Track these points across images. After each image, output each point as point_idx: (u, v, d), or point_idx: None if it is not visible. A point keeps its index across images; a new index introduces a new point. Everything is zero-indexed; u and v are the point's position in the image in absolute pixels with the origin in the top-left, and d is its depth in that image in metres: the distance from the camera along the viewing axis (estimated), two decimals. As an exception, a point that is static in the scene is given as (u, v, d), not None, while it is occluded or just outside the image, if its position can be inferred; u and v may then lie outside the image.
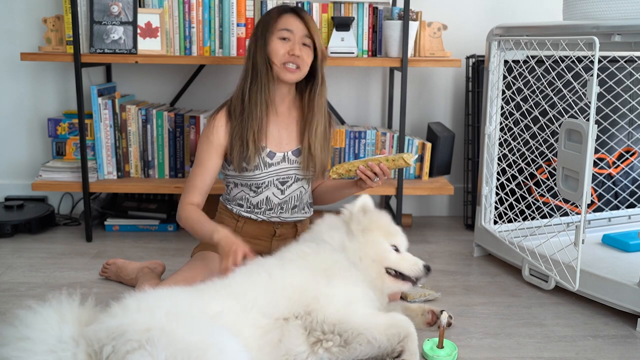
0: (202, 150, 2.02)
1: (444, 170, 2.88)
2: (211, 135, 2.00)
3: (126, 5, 2.60)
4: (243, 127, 1.97)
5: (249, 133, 1.96)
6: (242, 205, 2.08)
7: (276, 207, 2.07)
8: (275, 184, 2.04)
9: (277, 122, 2.06)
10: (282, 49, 1.94)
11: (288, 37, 1.95)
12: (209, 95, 3.02)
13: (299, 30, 1.95)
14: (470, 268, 2.47)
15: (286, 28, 1.95)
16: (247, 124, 1.96)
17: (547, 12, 2.97)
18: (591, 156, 1.93)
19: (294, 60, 1.94)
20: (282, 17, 1.97)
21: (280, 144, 2.05)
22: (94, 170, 2.71)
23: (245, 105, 1.98)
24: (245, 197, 2.07)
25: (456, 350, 1.75)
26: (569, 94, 2.14)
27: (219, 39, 2.67)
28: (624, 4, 2.09)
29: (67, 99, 3.01)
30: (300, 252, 1.72)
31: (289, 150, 2.05)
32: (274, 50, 1.94)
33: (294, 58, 1.94)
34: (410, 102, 3.04)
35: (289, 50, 1.94)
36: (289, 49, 1.94)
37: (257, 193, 2.05)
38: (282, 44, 1.94)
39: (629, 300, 1.97)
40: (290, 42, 1.95)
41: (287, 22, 1.96)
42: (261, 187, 2.04)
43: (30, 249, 2.60)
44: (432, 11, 2.96)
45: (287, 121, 2.07)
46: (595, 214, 2.77)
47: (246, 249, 1.74)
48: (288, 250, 1.76)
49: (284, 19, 1.96)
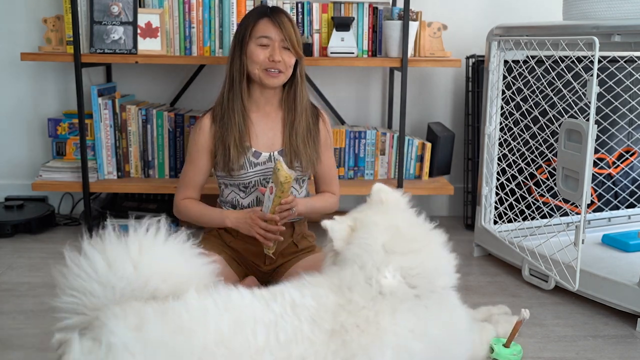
0: (191, 150, 2.07)
1: (444, 170, 2.88)
2: (197, 136, 2.04)
3: (126, 5, 2.60)
4: (223, 133, 2.00)
5: (230, 138, 1.99)
6: (235, 207, 2.08)
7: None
8: (262, 184, 2.04)
9: (264, 122, 2.06)
10: (262, 54, 1.95)
11: (267, 43, 1.95)
12: (209, 95, 3.02)
13: (277, 35, 1.95)
14: (470, 268, 2.47)
15: (264, 35, 1.95)
16: (227, 130, 1.99)
17: (547, 12, 2.97)
18: (591, 156, 1.94)
19: (275, 66, 1.95)
20: (259, 23, 1.97)
21: (267, 144, 2.05)
22: (94, 170, 2.71)
23: (224, 112, 2.01)
24: (236, 198, 2.07)
25: (521, 353, 1.75)
26: (569, 94, 2.14)
27: (219, 39, 2.67)
28: (624, 4, 2.09)
29: (67, 99, 3.01)
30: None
31: (274, 150, 2.05)
32: (254, 56, 1.95)
33: (274, 64, 1.94)
34: (410, 102, 3.04)
35: (269, 57, 1.94)
36: (269, 54, 1.94)
37: (246, 194, 2.05)
38: (261, 50, 1.95)
39: (629, 300, 1.97)
40: (270, 47, 1.95)
41: (265, 29, 1.96)
42: (249, 187, 2.05)
43: (30, 249, 2.60)
44: (432, 11, 2.96)
45: (274, 121, 2.08)
46: (595, 214, 2.77)
47: (261, 217, 1.91)
48: None
49: (261, 26, 1.96)
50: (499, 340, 1.77)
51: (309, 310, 1.35)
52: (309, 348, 1.31)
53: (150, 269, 1.32)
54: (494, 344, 1.74)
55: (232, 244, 2.06)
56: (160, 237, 1.38)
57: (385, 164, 2.83)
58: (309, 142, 2.07)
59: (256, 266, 2.08)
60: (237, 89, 2.00)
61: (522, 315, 1.74)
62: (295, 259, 2.08)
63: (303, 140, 2.05)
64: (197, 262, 1.42)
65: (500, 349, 1.73)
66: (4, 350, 1.76)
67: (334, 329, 1.34)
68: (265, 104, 2.06)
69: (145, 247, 1.34)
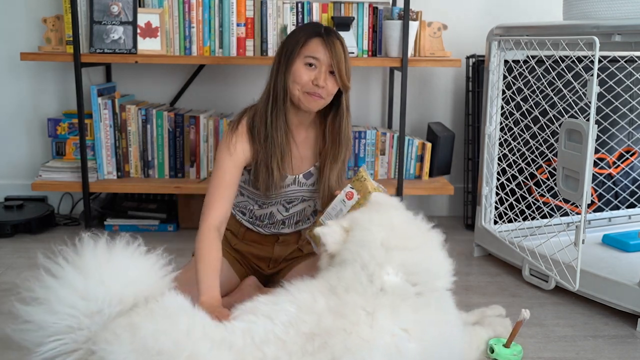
0: (222, 160, 1.85)
1: (444, 170, 2.88)
2: (232, 147, 1.85)
3: (126, 5, 2.60)
4: (267, 154, 1.84)
5: (273, 161, 1.84)
6: (245, 214, 2.04)
7: (278, 223, 2.03)
8: (282, 203, 1.99)
9: (294, 144, 1.95)
10: (306, 75, 1.80)
11: (314, 64, 1.80)
12: (209, 95, 3.02)
13: (327, 59, 1.79)
14: (470, 268, 2.47)
15: (313, 56, 1.79)
16: (271, 151, 1.85)
17: (547, 12, 2.97)
18: (591, 156, 1.93)
19: (318, 91, 1.80)
20: (311, 42, 1.81)
21: (294, 167, 1.94)
22: (93, 170, 2.71)
23: (268, 130, 1.84)
24: (249, 207, 2.02)
25: (522, 353, 1.75)
26: (569, 94, 2.14)
27: (219, 39, 2.67)
28: (624, 4, 2.09)
29: (67, 99, 3.01)
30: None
31: (300, 173, 1.96)
32: (298, 75, 1.80)
33: (317, 88, 1.80)
34: (410, 102, 3.03)
35: (314, 80, 1.79)
36: (314, 77, 1.79)
37: (261, 207, 2.00)
38: (306, 70, 1.80)
39: (629, 300, 1.97)
40: (317, 69, 1.80)
41: (315, 50, 1.80)
42: (267, 204, 1.99)
43: (30, 249, 2.59)
44: (432, 11, 2.96)
45: (302, 145, 1.96)
46: (595, 214, 2.77)
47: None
48: None
49: (313, 45, 1.80)
50: (499, 340, 1.77)
51: (287, 315, 1.34)
52: (281, 349, 1.30)
53: (119, 282, 1.35)
54: (494, 344, 1.74)
55: (236, 246, 2.05)
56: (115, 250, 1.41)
57: (385, 164, 2.83)
58: (341, 172, 1.99)
59: (259, 269, 2.08)
60: (281, 107, 1.84)
61: (522, 315, 1.74)
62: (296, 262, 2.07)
63: (337, 172, 1.95)
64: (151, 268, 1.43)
65: (500, 349, 1.73)
66: (4, 350, 1.76)
67: (314, 332, 1.32)
68: (297, 126, 1.93)
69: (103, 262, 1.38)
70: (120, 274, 1.37)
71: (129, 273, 1.38)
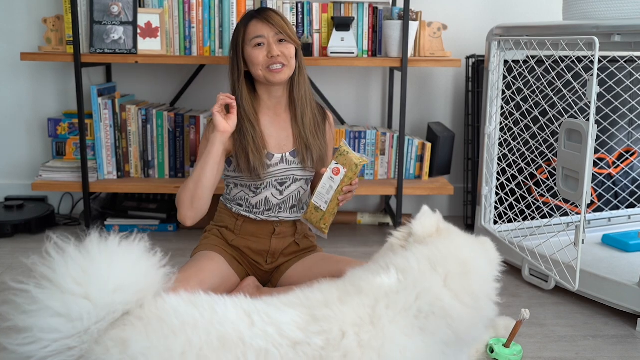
0: (203, 149, 2.00)
1: (444, 170, 2.88)
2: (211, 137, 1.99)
3: (126, 5, 2.60)
4: (242, 142, 1.98)
5: (248, 147, 1.97)
6: (242, 205, 2.08)
7: (275, 208, 2.07)
8: (273, 184, 2.04)
9: (276, 123, 2.05)
10: (260, 54, 1.95)
11: (261, 42, 1.95)
12: (209, 95, 3.02)
13: (269, 31, 1.95)
14: (470, 268, 2.47)
15: (256, 35, 1.95)
16: (244, 139, 1.98)
17: (547, 12, 2.97)
18: (591, 156, 1.94)
19: (275, 61, 1.94)
20: (249, 25, 1.98)
21: (279, 145, 2.05)
22: (94, 170, 2.71)
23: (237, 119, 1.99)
24: (244, 197, 2.07)
25: (522, 353, 1.75)
26: (569, 94, 2.14)
27: (219, 39, 2.67)
28: (624, 4, 2.09)
29: (67, 99, 3.01)
30: None
31: (287, 152, 2.04)
32: (254, 59, 1.95)
33: (275, 59, 1.94)
34: (410, 102, 3.04)
35: (267, 54, 1.94)
36: (267, 52, 1.94)
37: (256, 193, 2.05)
38: (258, 50, 1.95)
39: (629, 300, 1.97)
40: (265, 45, 1.95)
41: (256, 29, 1.96)
42: (260, 187, 2.04)
43: (30, 249, 2.59)
44: (432, 11, 2.96)
45: (285, 122, 2.07)
46: (595, 214, 2.77)
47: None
48: None
49: (252, 27, 1.97)
50: (499, 340, 1.77)
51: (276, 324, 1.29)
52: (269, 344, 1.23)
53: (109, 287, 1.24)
54: (494, 344, 1.74)
55: (233, 242, 2.06)
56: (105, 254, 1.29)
57: (385, 164, 2.83)
58: (318, 135, 2.07)
59: (257, 265, 2.08)
60: (240, 96, 1.99)
61: (522, 315, 1.74)
62: (296, 258, 2.08)
63: (312, 132, 2.05)
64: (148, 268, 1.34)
65: (500, 349, 1.73)
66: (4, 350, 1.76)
67: (298, 341, 1.25)
68: (276, 105, 2.06)
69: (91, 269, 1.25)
70: (103, 282, 1.22)
71: (113, 280, 1.23)
